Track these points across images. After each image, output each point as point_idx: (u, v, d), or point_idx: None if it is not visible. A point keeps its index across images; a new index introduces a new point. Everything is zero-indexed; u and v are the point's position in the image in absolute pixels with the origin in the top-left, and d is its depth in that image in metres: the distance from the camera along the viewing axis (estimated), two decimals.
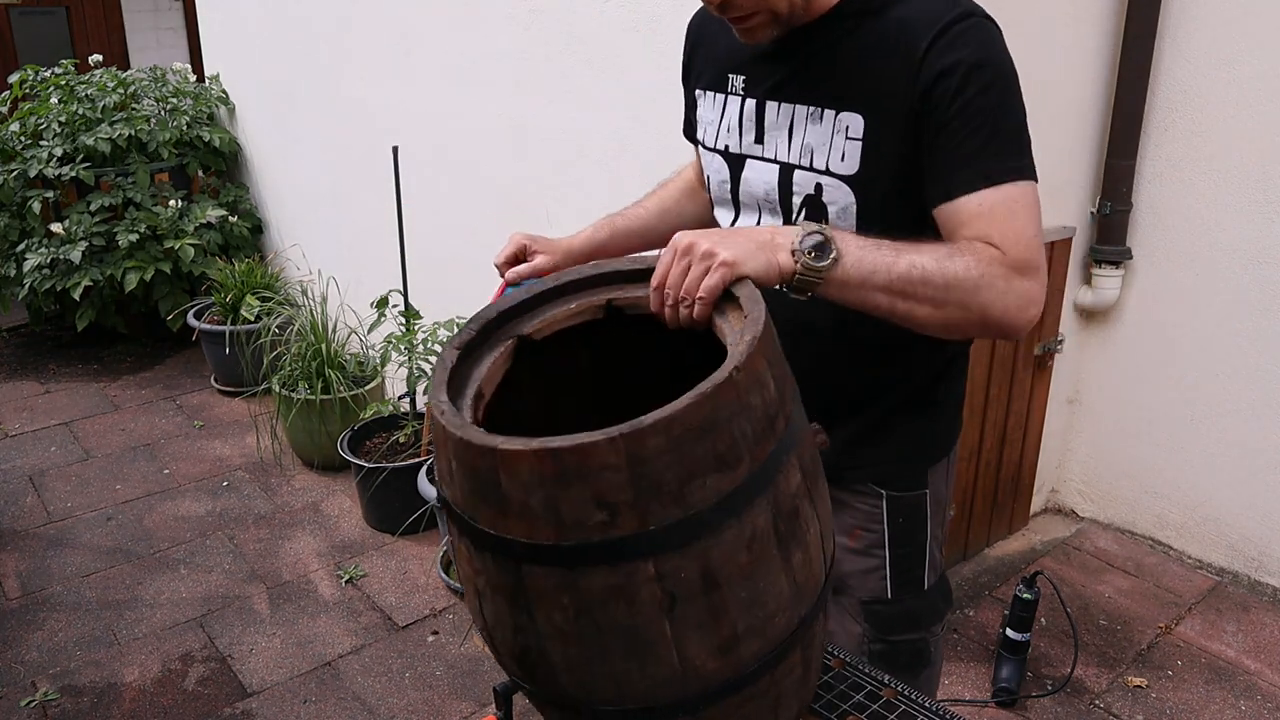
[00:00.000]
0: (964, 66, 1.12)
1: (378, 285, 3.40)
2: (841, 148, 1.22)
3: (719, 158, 1.36)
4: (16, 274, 4.38)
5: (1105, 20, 2.71)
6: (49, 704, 2.40)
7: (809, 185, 1.26)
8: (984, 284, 1.09)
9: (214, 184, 4.89)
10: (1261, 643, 2.59)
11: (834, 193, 1.24)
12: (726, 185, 1.36)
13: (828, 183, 1.24)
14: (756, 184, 1.32)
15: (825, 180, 1.24)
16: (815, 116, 1.24)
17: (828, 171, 1.24)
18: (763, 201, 1.32)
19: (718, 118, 1.35)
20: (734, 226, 1.36)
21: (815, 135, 1.24)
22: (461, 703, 2.40)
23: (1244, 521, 2.83)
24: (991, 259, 1.10)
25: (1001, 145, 1.14)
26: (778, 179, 1.29)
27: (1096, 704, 2.36)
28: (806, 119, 1.24)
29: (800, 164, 1.26)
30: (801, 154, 1.26)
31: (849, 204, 1.23)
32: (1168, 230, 2.83)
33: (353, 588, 2.89)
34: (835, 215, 1.24)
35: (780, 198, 1.29)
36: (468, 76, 3.12)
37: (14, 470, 3.61)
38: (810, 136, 1.24)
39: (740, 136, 1.32)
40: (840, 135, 1.21)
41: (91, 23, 8.13)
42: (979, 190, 1.13)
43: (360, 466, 3.08)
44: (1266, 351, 2.70)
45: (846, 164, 1.22)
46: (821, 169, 1.24)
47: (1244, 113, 2.61)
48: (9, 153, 4.48)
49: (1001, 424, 2.85)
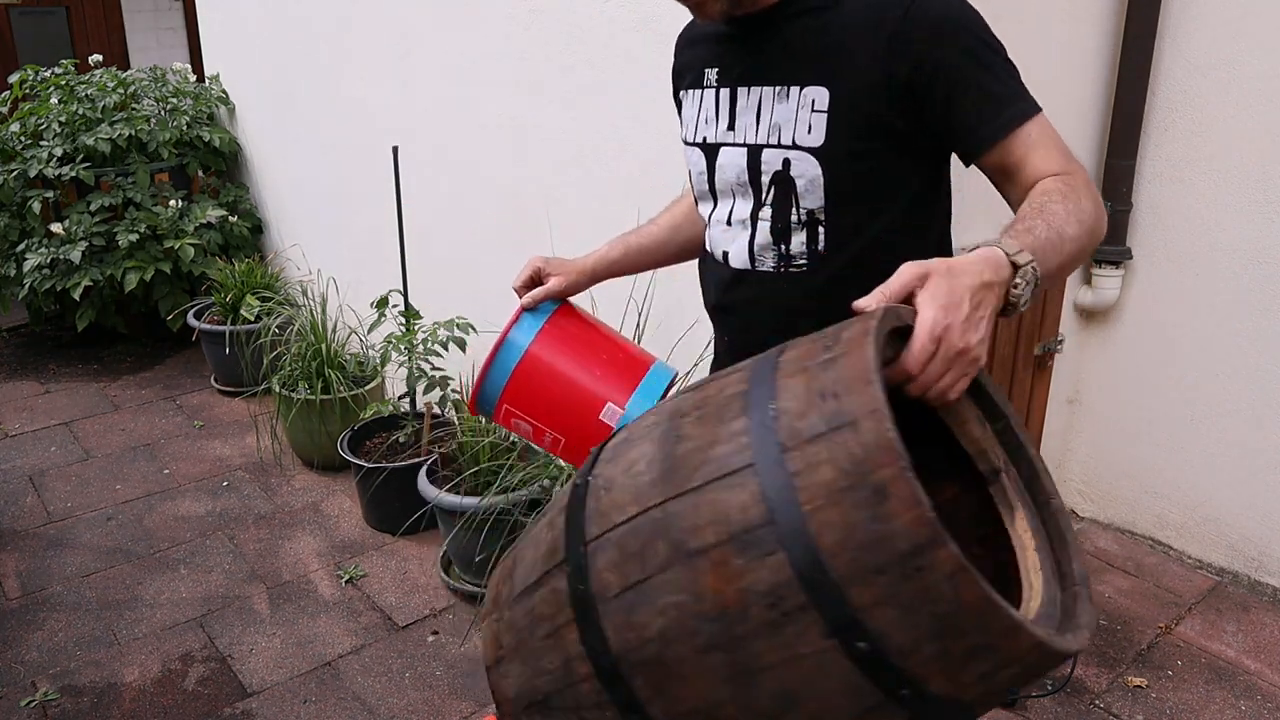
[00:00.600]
0: (951, 24, 1.19)
1: (378, 285, 3.40)
2: (808, 121, 1.25)
3: (697, 150, 1.39)
4: (16, 274, 4.38)
5: (1105, 20, 2.71)
6: (49, 704, 2.40)
7: (776, 162, 1.28)
8: (1096, 208, 1.16)
9: (214, 184, 4.89)
10: (1261, 643, 2.59)
11: (801, 165, 1.26)
12: (704, 176, 1.38)
13: (795, 156, 1.27)
14: (729, 169, 1.34)
15: (792, 154, 1.27)
16: (782, 95, 1.27)
17: (794, 145, 1.27)
18: (735, 186, 1.34)
19: (695, 112, 1.39)
20: (729, 217, 1.37)
21: (782, 112, 1.27)
22: (461, 703, 2.40)
23: (1244, 521, 2.83)
24: (1076, 185, 1.16)
25: (1017, 84, 1.22)
26: (746, 160, 1.31)
27: (1096, 704, 2.36)
28: (774, 98, 1.28)
29: (769, 142, 1.29)
30: (770, 133, 1.28)
31: (816, 175, 1.26)
32: (1168, 230, 2.83)
33: (353, 588, 2.89)
34: (804, 187, 1.27)
35: (750, 178, 1.32)
36: (468, 76, 3.12)
37: (14, 470, 3.61)
38: (778, 115, 1.28)
39: (716, 126, 1.35)
40: (805, 110, 1.25)
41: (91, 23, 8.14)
42: (1023, 126, 1.20)
43: (360, 466, 3.08)
44: (1266, 351, 2.70)
45: (813, 136, 1.25)
46: (789, 144, 1.27)
47: (1244, 113, 2.61)
48: (9, 153, 4.48)
49: None
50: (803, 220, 1.29)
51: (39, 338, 5.02)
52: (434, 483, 2.83)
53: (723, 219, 1.38)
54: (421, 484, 2.84)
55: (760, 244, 1.33)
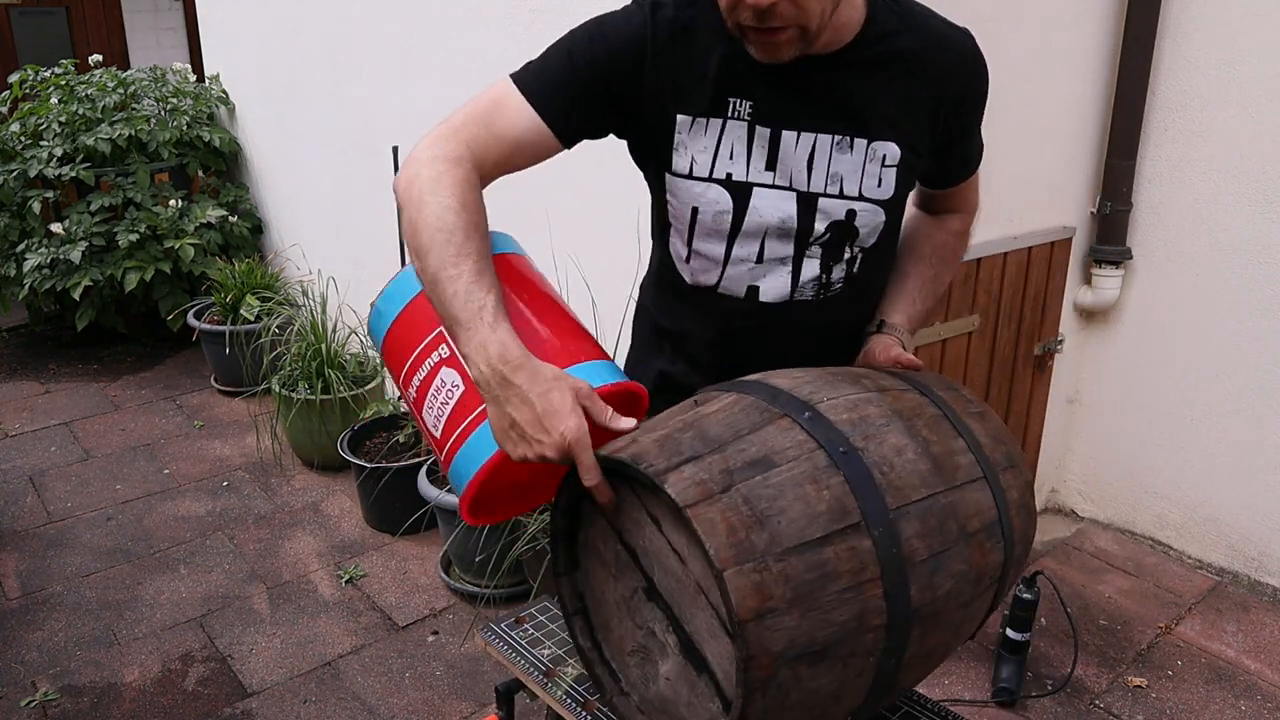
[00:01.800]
0: (984, 83, 1.33)
1: (378, 285, 3.39)
2: (877, 175, 1.25)
3: (717, 187, 1.26)
4: (16, 274, 4.38)
5: (1105, 20, 2.72)
6: (49, 704, 2.40)
7: (838, 211, 1.26)
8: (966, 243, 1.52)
9: (214, 184, 4.89)
10: (1261, 643, 2.59)
11: (867, 216, 1.27)
12: (727, 216, 1.27)
13: (862, 208, 1.26)
14: (769, 213, 1.26)
15: (859, 205, 1.26)
16: (843, 145, 1.23)
17: (861, 198, 1.25)
18: (774, 229, 1.27)
19: (713, 144, 1.25)
20: (760, 255, 1.29)
21: (845, 164, 1.24)
22: (461, 703, 2.40)
23: (1244, 521, 2.83)
24: (969, 228, 1.51)
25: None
26: (797, 207, 1.26)
27: (1096, 704, 2.36)
28: (832, 148, 1.23)
29: (828, 192, 1.25)
30: (829, 182, 1.25)
31: (880, 223, 1.28)
32: (1168, 230, 2.83)
33: (353, 588, 2.89)
34: (865, 234, 1.28)
35: (800, 225, 1.26)
36: (468, 76, 3.12)
37: (14, 470, 3.61)
38: (839, 165, 1.24)
39: (747, 164, 1.25)
40: (875, 164, 1.24)
41: (91, 23, 8.14)
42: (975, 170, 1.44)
43: (360, 467, 3.08)
44: (1266, 351, 2.70)
45: (882, 189, 1.26)
46: (854, 195, 1.25)
47: (1244, 113, 2.62)
48: (9, 153, 4.48)
49: None
50: (855, 255, 1.31)
51: (39, 338, 5.02)
52: (434, 483, 2.84)
53: (749, 258, 1.29)
54: (422, 484, 2.84)
55: (806, 279, 1.29)
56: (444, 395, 1.17)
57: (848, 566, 0.93)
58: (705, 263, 1.31)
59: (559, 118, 1.24)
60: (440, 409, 1.17)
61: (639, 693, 1.10)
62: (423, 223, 1.15)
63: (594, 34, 1.24)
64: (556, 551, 1.15)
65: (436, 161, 1.18)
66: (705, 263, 1.31)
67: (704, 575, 0.96)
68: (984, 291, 2.61)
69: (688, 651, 1.01)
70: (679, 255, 1.34)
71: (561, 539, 1.15)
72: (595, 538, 1.12)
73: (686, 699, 1.03)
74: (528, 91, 1.23)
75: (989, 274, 2.60)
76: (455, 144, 1.20)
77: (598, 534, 1.11)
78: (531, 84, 1.23)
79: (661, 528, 1.01)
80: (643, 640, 1.08)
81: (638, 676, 1.10)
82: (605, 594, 1.12)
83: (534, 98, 1.23)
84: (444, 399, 1.17)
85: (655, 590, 1.03)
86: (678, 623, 1.01)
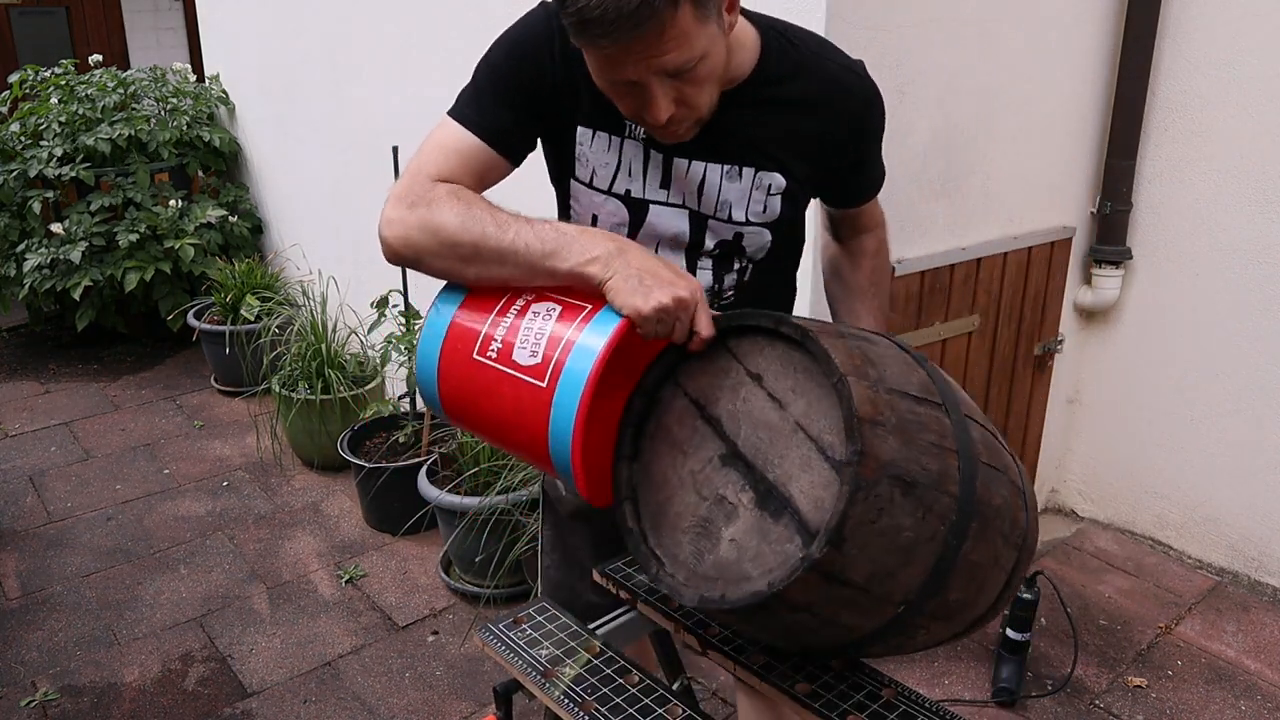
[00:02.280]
0: (876, 117, 1.35)
1: (378, 285, 3.40)
2: (763, 201, 1.30)
3: (615, 201, 1.32)
4: (16, 274, 4.38)
5: (1105, 20, 2.71)
6: (49, 704, 2.40)
7: (726, 233, 1.32)
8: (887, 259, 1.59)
9: (214, 184, 4.89)
10: (1261, 643, 2.59)
11: (753, 238, 1.33)
12: (624, 228, 1.32)
13: (748, 230, 1.32)
14: (664, 227, 1.32)
15: (746, 229, 1.32)
16: (732, 174, 1.28)
17: (748, 222, 1.31)
18: (668, 241, 1.33)
19: (614, 160, 1.29)
20: None
21: (733, 191, 1.29)
22: (461, 703, 2.40)
23: (1244, 521, 2.83)
24: (885, 244, 1.56)
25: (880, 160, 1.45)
26: (689, 224, 1.32)
27: (1096, 704, 2.36)
28: (722, 177, 1.28)
29: (717, 216, 1.31)
30: (718, 208, 1.30)
31: (766, 242, 1.34)
32: (1168, 230, 2.83)
33: (353, 588, 2.89)
34: (753, 251, 1.35)
35: (692, 242, 1.33)
36: (467, 76, 3.12)
37: (14, 470, 3.61)
38: (727, 193, 1.29)
39: (644, 183, 1.30)
40: (760, 191, 1.29)
41: (91, 23, 8.14)
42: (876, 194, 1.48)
43: (361, 467, 3.08)
44: (1266, 351, 2.70)
45: (768, 214, 1.31)
46: (741, 220, 1.31)
47: (1244, 113, 2.61)
48: (9, 153, 4.48)
49: (1001, 424, 2.85)
50: (743, 267, 1.37)
51: (39, 338, 5.03)
52: (434, 483, 2.84)
53: None
54: (422, 484, 2.84)
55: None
56: (539, 323, 1.15)
57: (935, 428, 1.02)
58: None
59: (499, 139, 1.27)
60: (538, 334, 1.14)
61: (686, 569, 1.13)
62: (440, 222, 1.16)
63: (509, 44, 1.29)
64: (624, 435, 1.20)
65: (415, 202, 1.20)
66: None
67: (811, 407, 1.04)
68: (984, 291, 2.61)
69: (765, 502, 1.06)
70: None
71: (632, 425, 1.19)
72: (670, 421, 1.17)
73: (755, 551, 1.06)
74: (465, 121, 1.27)
75: (989, 274, 2.60)
76: (422, 183, 1.22)
77: (673, 417, 1.17)
78: (467, 113, 1.28)
79: (763, 382, 1.09)
80: (706, 512, 1.12)
81: (690, 553, 1.13)
82: (668, 475, 1.16)
83: (471, 124, 1.26)
84: (539, 327, 1.14)
85: (736, 453, 1.09)
86: (759, 476, 1.07)
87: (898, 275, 2.34)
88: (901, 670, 2.47)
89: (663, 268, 1.10)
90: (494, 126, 1.26)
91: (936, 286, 2.46)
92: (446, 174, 1.24)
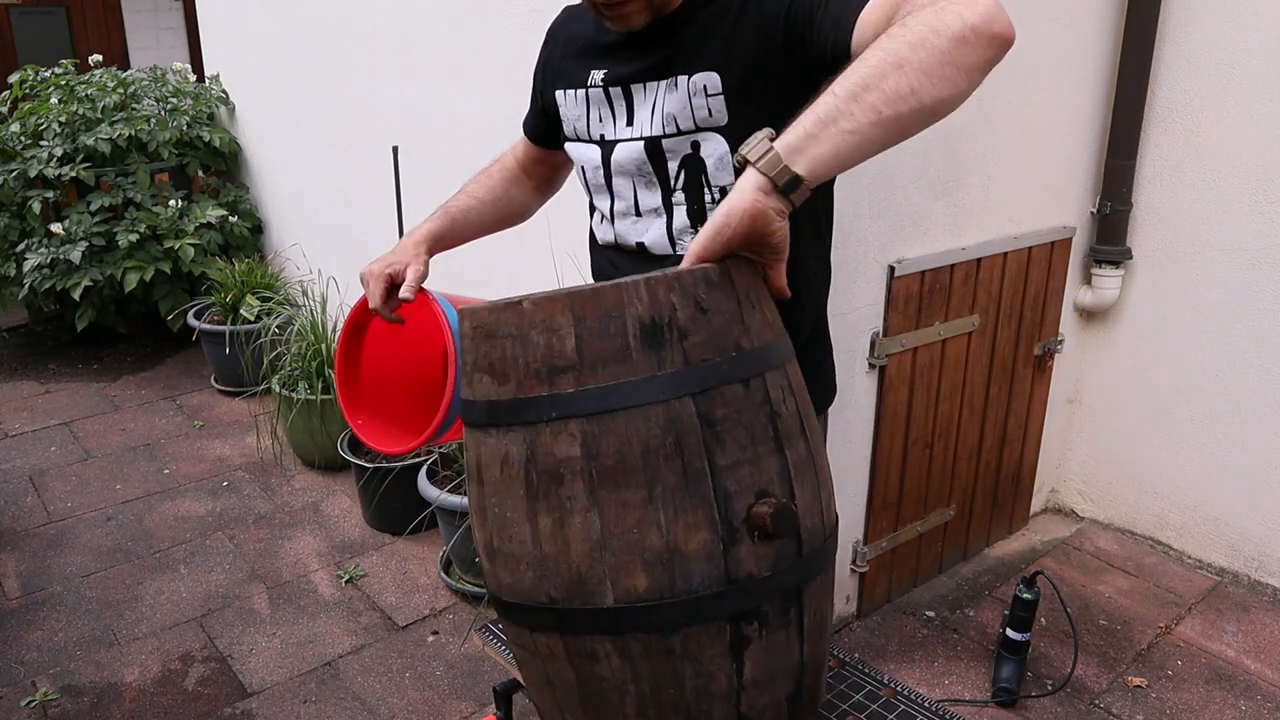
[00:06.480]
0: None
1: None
2: (705, 105, 1.32)
3: (593, 147, 1.44)
4: (16, 274, 4.38)
5: (1105, 20, 2.71)
6: (49, 704, 2.40)
7: (684, 147, 1.35)
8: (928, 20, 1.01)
9: (214, 184, 4.89)
10: (1261, 643, 2.59)
11: (710, 146, 1.34)
12: (600, 171, 1.44)
13: (703, 138, 1.34)
14: (627, 162, 1.40)
15: (700, 137, 1.34)
16: (671, 86, 1.34)
17: (697, 129, 1.34)
18: (636, 175, 1.41)
19: (583, 111, 1.44)
20: (637, 208, 1.44)
21: (674, 103, 1.34)
22: (461, 703, 2.40)
23: (1244, 521, 2.83)
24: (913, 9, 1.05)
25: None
26: (645, 151, 1.38)
27: (1096, 704, 2.36)
28: (664, 91, 1.35)
29: (667, 132, 1.35)
30: (665, 123, 1.35)
31: (724, 152, 1.34)
32: (1168, 230, 2.83)
33: (353, 588, 2.89)
34: (714, 166, 1.35)
35: (654, 168, 1.38)
36: (468, 76, 3.12)
37: (14, 470, 3.61)
38: (670, 105, 1.34)
39: (614, 124, 1.41)
40: (700, 95, 1.32)
41: (91, 23, 8.14)
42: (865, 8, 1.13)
43: (361, 467, 3.08)
44: (1266, 351, 2.70)
45: (715, 117, 1.32)
46: (689, 129, 1.34)
47: (1244, 113, 2.61)
48: (9, 153, 4.48)
49: (1001, 424, 2.85)
50: (716, 199, 1.37)
51: (39, 338, 5.03)
52: (434, 483, 2.84)
53: (628, 210, 1.44)
54: (422, 484, 2.84)
55: (679, 228, 1.40)
56: None
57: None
58: (602, 218, 1.50)
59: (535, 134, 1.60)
60: None
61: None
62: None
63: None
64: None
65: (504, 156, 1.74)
66: (602, 218, 1.50)
67: None
68: (984, 291, 2.61)
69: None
70: (592, 215, 1.54)
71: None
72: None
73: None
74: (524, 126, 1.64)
75: (989, 274, 2.60)
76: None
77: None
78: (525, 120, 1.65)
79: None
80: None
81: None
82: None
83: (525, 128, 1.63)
84: None
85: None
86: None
87: (898, 275, 2.34)
88: (902, 670, 2.47)
89: (385, 254, 1.47)
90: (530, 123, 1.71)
91: (936, 286, 2.46)
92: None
